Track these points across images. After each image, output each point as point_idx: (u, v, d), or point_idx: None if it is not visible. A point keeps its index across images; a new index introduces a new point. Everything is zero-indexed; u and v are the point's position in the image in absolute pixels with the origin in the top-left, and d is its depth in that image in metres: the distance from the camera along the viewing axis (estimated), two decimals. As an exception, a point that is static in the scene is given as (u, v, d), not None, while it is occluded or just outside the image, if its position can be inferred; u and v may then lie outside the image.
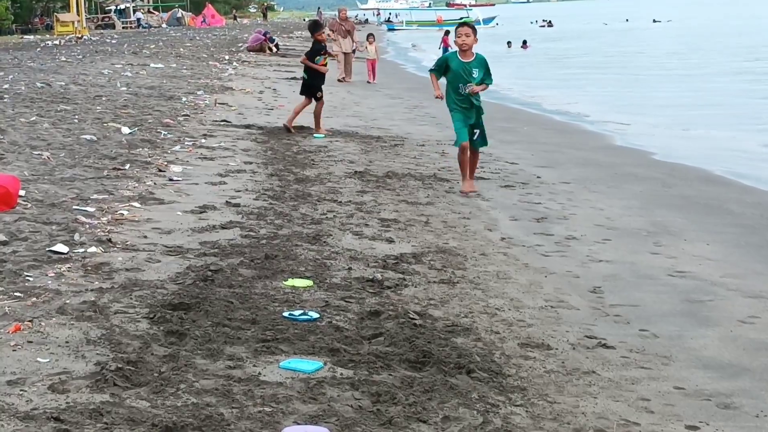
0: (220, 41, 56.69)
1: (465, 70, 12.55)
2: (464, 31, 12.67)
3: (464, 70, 12.56)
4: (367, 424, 5.18)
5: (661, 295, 8.19)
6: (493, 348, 6.60)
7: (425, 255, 9.07)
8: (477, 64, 12.59)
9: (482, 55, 12.74)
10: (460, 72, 12.55)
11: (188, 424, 4.96)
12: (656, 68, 40.82)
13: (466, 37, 12.52)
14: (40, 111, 17.63)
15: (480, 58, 12.65)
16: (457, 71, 12.56)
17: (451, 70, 12.64)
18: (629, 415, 5.63)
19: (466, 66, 12.56)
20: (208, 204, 10.73)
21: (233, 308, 6.99)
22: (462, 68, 12.56)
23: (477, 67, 12.58)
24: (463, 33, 12.61)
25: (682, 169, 15.61)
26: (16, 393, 5.24)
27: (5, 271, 7.58)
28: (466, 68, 12.56)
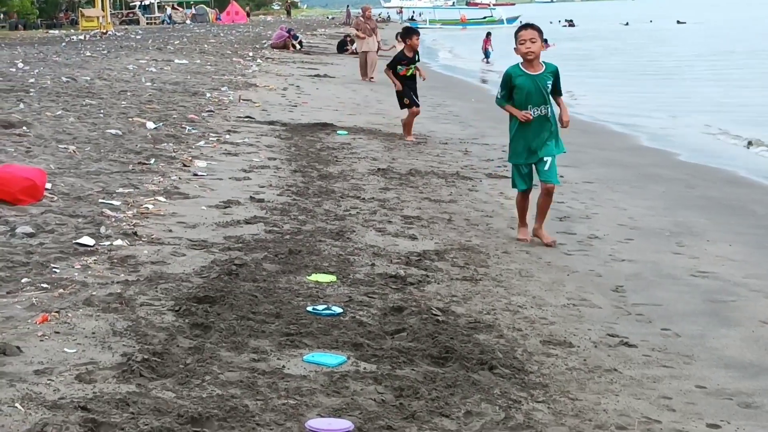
0: (243, 38, 56.83)
1: (538, 87, 9.65)
2: (528, 35, 9.61)
3: (537, 87, 9.65)
4: (390, 417, 5.22)
5: (683, 294, 8.20)
6: (515, 345, 6.64)
7: (448, 252, 9.11)
8: (549, 75, 9.70)
9: (553, 64, 9.84)
10: (531, 90, 9.64)
11: (213, 415, 5.01)
12: (681, 69, 40.74)
13: (531, 42, 9.53)
14: (65, 105, 17.73)
15: (551, 68, 9.74)
16: (527, 89, 9.64)
17: (518, 89, 9.68)
18: (651, 412, 5.65)
19: (537, 81, 9.65)
20: (233, 199, 10.80)
21: (257, 302, 7.04)
22: (533, 85, 9.64)
23: (550, 80, 9.70)
24: (527, 38, 9.58)
25: (706, 170, 15.61)
26: (43, 382, 5.30)
27: (32, 263, 7.66)
28: (539, 84, 9.65)
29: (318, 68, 35.52)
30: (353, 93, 26.58)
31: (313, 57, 43.49)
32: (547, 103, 9.67)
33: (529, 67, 9.67)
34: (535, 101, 9.64)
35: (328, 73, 33.08)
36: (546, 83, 9.65)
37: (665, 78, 36.48)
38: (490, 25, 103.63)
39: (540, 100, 9.65)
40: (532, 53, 9.58)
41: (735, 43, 57.48)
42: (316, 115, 20.46)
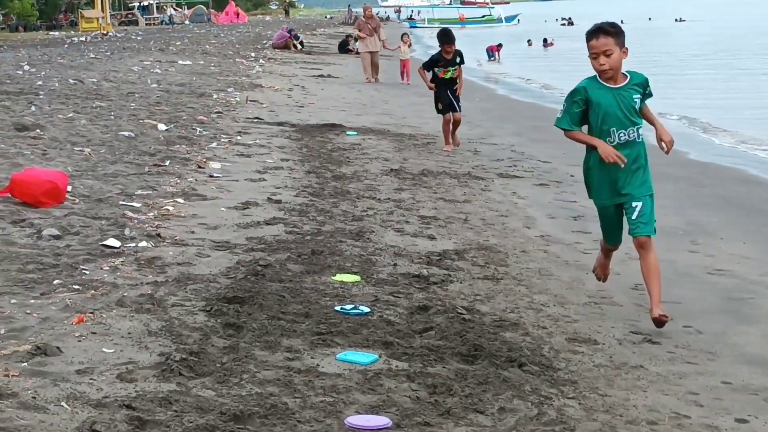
0: (244, 38, 56.94)
1: (623, 104, 7.30)
2: (600, 45, 7.26)
3: (621, 105, 7.29)
4: (426, 414, 5.34)
5: (701, 292, 8.32)
6: (541, 342, 6.76)
7: (467, 252, 9.22)
8: (635, 89, 7.38)
9: (640, 74, 7.50)
10: (611, 109, 7.28)
11: (255, 413, 5.13)
12: (684, 67, 40.85)
13: (606, 57, 7.24)
14: (75, 107, 17.85)
15: (638, 79, 7.42)
16: (606, 108, 7.29)
17: (594, 108, 7.32)
18: (679, 408, 5.77)
19: (619, 96, 7.30)
20: (250, 200, 10.91)
21: (286, 302, 7.16)
22: (615, 102, 7.28)
23: (638, 95, 7.38)
24: (599, 50, 7.26)
25: (715, 168, 15.73)
26: (86, 381, 5.42)
27: (62, 265, 7.78)
28: (623, 100, 7.30)
29: (321, 68, 35.64)
30: (358, 93, 26.69)
31: (315, 57, 43.61)
32: (635, 125, 7.35)
33: (609, 81, 7.32)
34: (619, 124, 7.29)
35: (331, 74, 33.20)
36: (633, 99, 7.31)
37: (667, 75, 36.57)
38: (489, 24, 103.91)
39: (625, 123, 7.31)
40: (609, 71, 7.26)
41: (734, 41, 57.64)
42: (324, 115, 20.57)
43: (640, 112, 7.40)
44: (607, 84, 7.32)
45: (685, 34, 74.11)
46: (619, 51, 7.24)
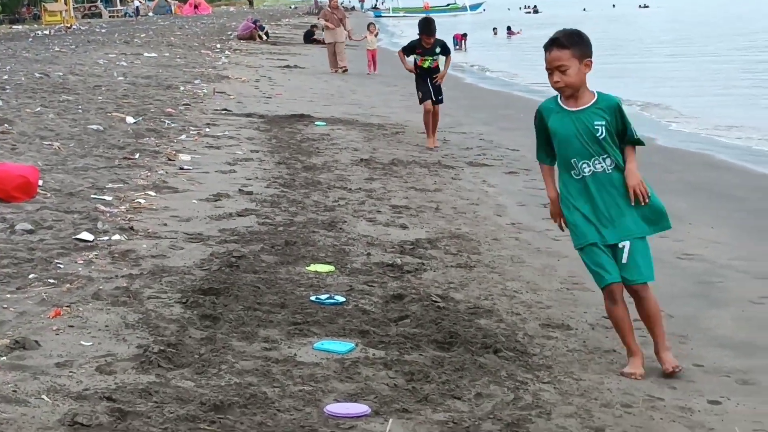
0: (209, 29, 56.72)
1: (580, 130, 6.14)
2: (554, 59, 6.18)
3: (579, 130, 6.15)
4: (404, 401, 5.40)
5: (672, 277, 8.41)
6: (515, 329, 6.83)
7: (440, 240, 9.29)
8: (600, 110, 6.17)
9: (609, 96, 6.27)
10: (569, 137, 6.19)
11: (234, 403, 5.17)
12: (648, 53, 41.09)
13: (560, 73, 6.16)
14: (43, 102, 17.76)
15: (605, 101, 6.19)
16: (565, 135, 6.21)
17: (552, 134, 6.30)
18: (653, 391, 5.86)
19: (578, 120, 6.17)
20: (222, 192, 10.92)
21: (261, 293, 7.20)
22: (573, 127, 6.17)
23: (601, 120, 6.14)
24: (553, 65, 6.19)
25: (682, 153, 15.87)
26: (66, 374, 5.44)
27: (36, 259, 7.78)
28: (581, 125, 6.15)
29: (287, 59, 35.59)
30: (326, 84, 26.71)
31: (281, 48, 43.51)
32: (600, 155, 6.15)
33: (569, 101, 6.23)
34: (579, 153, 6.16)
35: (297, 64, 33.17)
36: (593, 125, 6.11)
37: (631, 62, 36.80)
38: (454, 13, 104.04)
39: (584, 152, 6.15)
40: (566, 89, 6.19)
41: (697, 27, 58.00)
42: (292, 106, 20.58)
43: (611, 141, 6.14)
44: (566, 105, 6.22)
45: (648, 21, 74.44)
46: (578, 65, 6.10)
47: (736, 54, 38.21)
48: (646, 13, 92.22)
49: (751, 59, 35.36)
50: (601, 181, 6.21)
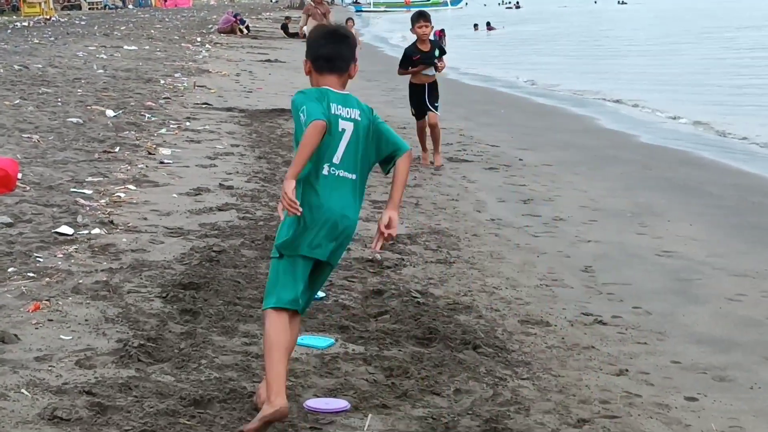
0: (189, 23, 56.54)
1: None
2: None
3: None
4: (383, 396, 5.43)
5: (650, 273, 8.47)
6: (494, 325, 6.86)
7: (419, 236, 9.31)
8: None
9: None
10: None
11: (214, 397, 5.20)
12: (630, 49, 41.23)
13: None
14: (22, 94, 17.68)
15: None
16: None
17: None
18: (630, 387, 5.90)
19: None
20: (202, 186, 10.91)
21: (241, 287, 7.21)
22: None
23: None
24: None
25: (662, 150, 15.92)
26: (45, 368, 5.45)
27: (15, 252, 7.77)
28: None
29: (268, 53, 35.49)
30: (306, 78, 26.48)
31: (262, 42, 43.39)
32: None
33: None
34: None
35: (278, 58, 33.07)
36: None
37: (610, 59, 36.92)
38: (435, 8, 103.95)
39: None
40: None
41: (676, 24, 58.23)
42: (272, 100, 20.53)
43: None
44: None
45: (627, 17, 74.66)
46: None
47: (715, 51, 38.35)
48: (624, 9, 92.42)
49: (729, 57, 35.51)
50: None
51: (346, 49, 5.25)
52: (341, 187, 5.05)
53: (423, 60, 13.36)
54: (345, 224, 5.07)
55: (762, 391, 5.96)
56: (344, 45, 5.26)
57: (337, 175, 5.04)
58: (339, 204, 5.02)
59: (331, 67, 5.16)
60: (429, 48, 13.28)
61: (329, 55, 5.17)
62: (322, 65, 5.17)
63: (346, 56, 5.22)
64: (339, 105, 5.05)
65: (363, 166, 5.16)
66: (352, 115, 5.07)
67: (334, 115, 5.00)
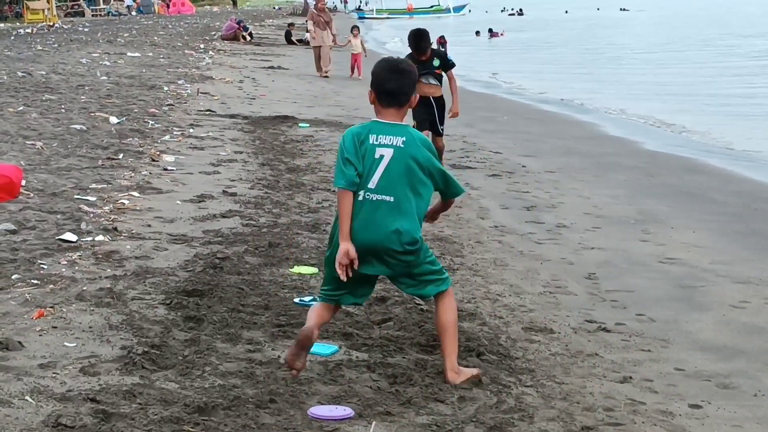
0: (192, 29, 56.57)
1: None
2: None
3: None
4: (387, 404, 5.42)
5: (654, 281, 8.46)
6: (498, 332, 6.86)
7: (423, 242, 9.29)
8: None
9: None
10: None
11: (218, 405, 5.19)
12: (632, 57, 41.24)
13: None
14: (26, 101, 17.73)
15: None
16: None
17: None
18: (635, 395, 5.89)
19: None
20: (206, 193, 10.93)
21: (245, 294, 7.22)
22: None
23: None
24: None
25: (665, 157, 15.93)
26: (49, 375, 5.46)
27: (19, 259, 7.78)
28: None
29: (271, 60, 35.52)
30: (309, 85, 26.69)
31: (264, 48, 43.42)
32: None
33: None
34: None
35: (281, 65, 33.11)
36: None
37: (614, 66, 36.94)
38: (437, 14, 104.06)
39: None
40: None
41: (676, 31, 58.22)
42: (276, 107, 20.56)
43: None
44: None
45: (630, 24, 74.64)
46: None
47: (717, 59, 38.34)
48: (626, 16, 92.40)
49: (731, 64, 35.49)
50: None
51: (408, 84, 5.71)
52: (377, 210, 5.52)
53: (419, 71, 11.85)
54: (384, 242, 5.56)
55: (766, 399, 5.96)
56: (407, 79, 5.71)
57: (372, 200, 5.53)
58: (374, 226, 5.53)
59: (392, 102, 5.65)
60: (428, 57, 12.06)
61: (393, 91, 5.66)
62: (384, 99, 5.67)
63: (407, 91, 5.69)
64: (380, 135, 5.57)
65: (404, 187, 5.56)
66: (394, 142, 5.55)
67: (371, 145, 5.55)
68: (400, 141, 5.56)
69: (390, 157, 5.53)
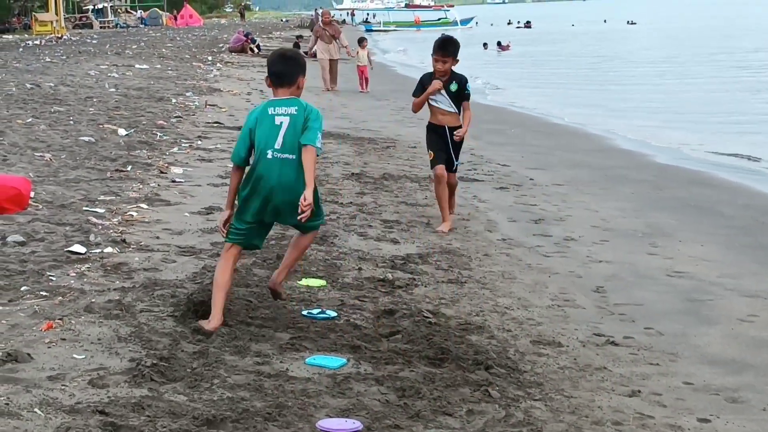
0: (200, 42, 56.76)
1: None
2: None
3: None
4: (395, 417, 5.42)
5: (662, 294, 8.46)
6: (506, 345, 6.86)
7: (431, 255, 9.31)
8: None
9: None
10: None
11: (227, 417, 5.19)
12: (637, 70, 41.24)
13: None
14: (34, 112, 17.77)
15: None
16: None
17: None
18: (643, 408, 5.89)
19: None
20: (214, 205, 10.94)
21: (253, 307, 7.22)
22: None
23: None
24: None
25: (673, 170, 15.93)
26: (58, 388, 5.46)
27: (28, 271, 7.79)
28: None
29: (278, 72, 35.51)
30: (316, 98, 26.68)
31: (272, 61, 43.44)
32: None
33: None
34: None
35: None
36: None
37: (620, 79, 36.95)
38: (445, 27, 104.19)
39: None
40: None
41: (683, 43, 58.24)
42: (283, 119, 20.54)
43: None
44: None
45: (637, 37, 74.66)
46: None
47: (727, 73, 38.30)
48: (633, 29, 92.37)
49: (740, 78, 35.46)
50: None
51: (292, 67, 6.96)
52: (283, 166, 6.75)
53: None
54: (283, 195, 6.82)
55: (775, 413, 5.95)
56: (291, 64, 6.98)
57: (278, 158, 6.75)
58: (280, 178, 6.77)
59: (281, 82, 6.91)
60: (447, 80, 10.65)
61: (278, 73, 6.94)
62: (275, 80, 6.97)
63: (292, 73, 6.92)
64: (276, 107, 6.82)
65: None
66: (288, 112, 6.77)
67: (270, 115, 6.80)
68: (293, 110, 6.78)
69: (287, 123, 6.73)
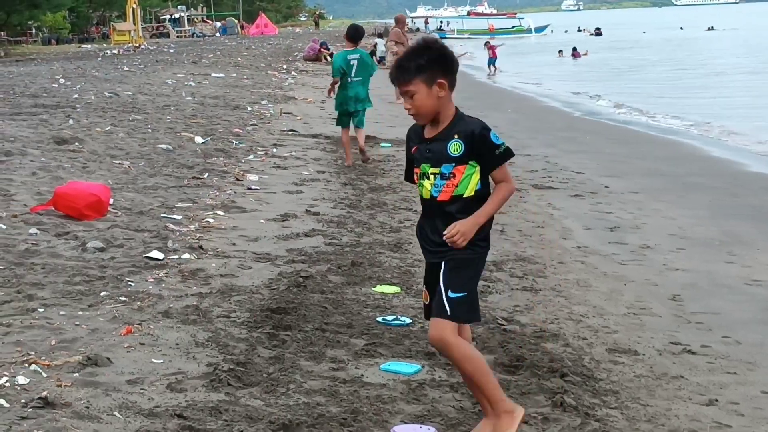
0: (275, 50, 57.15)
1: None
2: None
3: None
4: (471, 424, 5.42)
5: (740, 303, 8.36)
6: (582, 353, 6.82)
7: (505, 263, 9.30)
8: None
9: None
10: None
11: (303, 422, 5.23)
12: (712, 75, 40.77)
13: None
14: (113, 120, 18.02)
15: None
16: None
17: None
18: (721, 418, 5.83)
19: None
20: (289, 212, 11.03)
21: (328, 313, 7.27)
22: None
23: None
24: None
25: (749, 177, 15.71)
26: (137, 391, 5.54)
27: (107, 277, 7.92)
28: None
29: (352, 80, 35.71)
30: (390, 105, 26.77)
31: (346, 69, 43.66)
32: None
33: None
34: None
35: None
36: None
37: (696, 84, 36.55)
38: (519, 35, 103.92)
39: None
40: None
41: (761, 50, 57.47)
42: (357, 127, 20.63)
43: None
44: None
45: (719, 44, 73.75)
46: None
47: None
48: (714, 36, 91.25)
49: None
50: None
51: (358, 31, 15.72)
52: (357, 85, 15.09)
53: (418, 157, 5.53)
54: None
55: None
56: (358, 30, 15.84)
57: (354, 81, 15.04)
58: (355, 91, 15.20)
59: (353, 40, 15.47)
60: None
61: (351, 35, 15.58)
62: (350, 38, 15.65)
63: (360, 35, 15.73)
64: (349, 55, 15.19)
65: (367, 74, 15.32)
66: (357, 56, 15.16)
67: (347, 59, 15.21)
68: (359, 55, 14.59)
69: (357, 61, 14.67)
